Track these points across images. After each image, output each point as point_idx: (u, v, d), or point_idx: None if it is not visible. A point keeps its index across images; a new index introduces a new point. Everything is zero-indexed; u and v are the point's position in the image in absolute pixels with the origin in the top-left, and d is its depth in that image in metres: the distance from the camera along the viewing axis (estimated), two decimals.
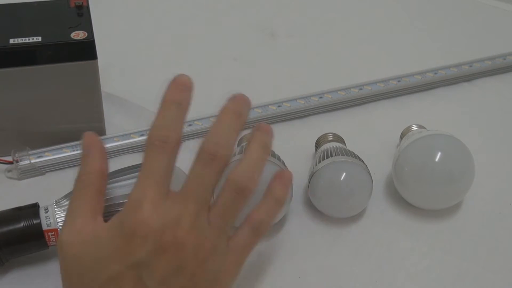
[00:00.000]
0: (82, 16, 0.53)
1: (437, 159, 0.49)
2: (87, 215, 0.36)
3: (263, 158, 0.38)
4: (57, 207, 0.44)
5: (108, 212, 0.43)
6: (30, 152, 0.54)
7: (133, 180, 0.44)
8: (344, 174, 0.48)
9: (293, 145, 0.59)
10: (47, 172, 0.55)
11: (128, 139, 0.57)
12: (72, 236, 0.35)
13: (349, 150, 0.51)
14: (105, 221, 0.37)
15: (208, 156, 0.36)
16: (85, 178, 0.37)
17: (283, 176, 0.40)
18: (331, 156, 0.50)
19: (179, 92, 0.37)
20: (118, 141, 0.57)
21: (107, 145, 0.56)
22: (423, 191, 0.50)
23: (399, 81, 0.67)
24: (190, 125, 0.59)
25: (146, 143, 0.36)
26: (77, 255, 0.35)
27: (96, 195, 0.37)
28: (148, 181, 0.35)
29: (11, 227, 0.43)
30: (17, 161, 0.53)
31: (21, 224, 0.43)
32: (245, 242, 0.37)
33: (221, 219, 0.36)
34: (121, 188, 0.44)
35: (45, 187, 0.53)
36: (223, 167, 0.36)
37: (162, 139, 0.36)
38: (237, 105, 0.38)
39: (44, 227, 0.43)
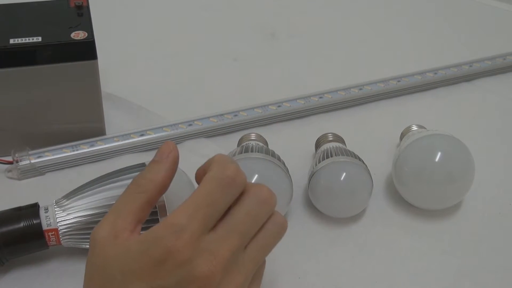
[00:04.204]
0: (82, 16, 0.53)
1: (437, 159, 0.49)
2: (129, 221, 0.35)
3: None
4: (57, 207, 0.44)
5: (106, 213, 0.43)
6: (30, 152, 0.54)
7: None
8: (344, 174, 0.48)
9: (293, 145, 0.59)
10: (47, 172, 0.55)
11: (128, 139, 0.57)
12: (108, 236, 0.34)
13: (349, 150, 0.51)
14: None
15: (266, 196, 0.36)
16: (144, 183, 0.36)
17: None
18: (331, 156, 0.50)
19: None
20: (118, 141, 0.57)
21: (107, 145, 0.56)
22: (423, 191, 0.50)
23: (399, 81, 0.67)
24: (190, 125, 0.59)
25: (214, 174, 0.35)
26: (106, 258, 0.34)
27: (147, 204, 0.36)
28: (199, 212, 0.33)
29: (11, 227, 0.43)
30: (17, 161, 0.53)
31: (21, 224, 0.43)
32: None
33: (261, 254, 0.36)
34: (121, 188, 0.44)
35: (45, 187, 0.53)
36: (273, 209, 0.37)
37: (234, 179, 0.35)
38: None
39: (44, 227, 0.43)
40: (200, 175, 0.37)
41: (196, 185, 0.48)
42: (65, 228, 0.43)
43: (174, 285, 0.32)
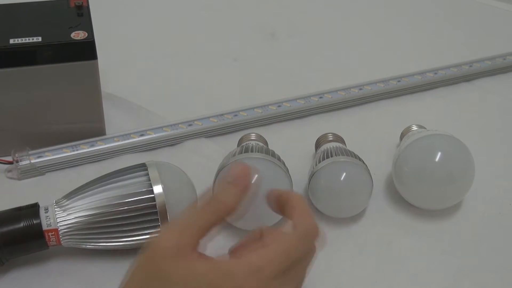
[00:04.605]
0: (82, 16, 0.53)
1: (437, 159, 0.49)
2: (195, 238, 0.35)
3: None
4: (57, 207, 0.44)
5: (106, 212, 0.43)
6: (30, 152, 0.54)
7: (133, 180, 0.44)
8: (344, 174, 0.48)
9: (293, 145, 0.59)
10: (47, 172, 0.55)
11: (128, 139, 0.57)
12: (171, 248, 0.34)
13: (349, 150, 0.51)
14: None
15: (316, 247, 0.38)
16: (217, 204, 0.36)
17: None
18: (331, 156, 0.50)
19: None
20: (118, 141, 0.57)
21: (107, 145, 0.56)
22: (423, 191, 0.50)
23: (399, 81, 0.67)
24: (190, 125, 0.59)
25: (299, 230, 0.36)
26: (168, 274, 0.33)
27: (213, 225, 0.36)
28: (279, 261, 0.34)
29: (11, 227, 0.43)
30: (17, 161, 0.53)
31: (21, 224, 0.43)
32: None
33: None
34: (121, 188, 0.44)
35: (45, 187, 0.53)
36: None
37: (314, 236, 0.37)
38: None
39: (44, 227, 0.43)
40: (275, 203, 0.39)
41: (197, 186, 0.48)
42: (65, 228, 0.43)
43: None
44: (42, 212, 0.44)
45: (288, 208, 0.38)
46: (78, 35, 0.51)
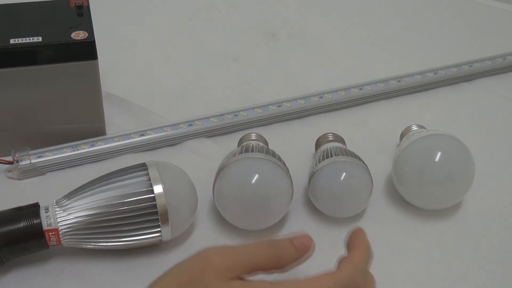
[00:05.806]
0: (82, 16, 0.53)
1: (437, 159, 0.49)
2: (242, 267, 0.35)
3: None
4: (57, 207, 0.44)
5: (106, 212, 0.43)
6: (30, 152, 0.54)
7: (133, 180, 0.44)
8: (344, 174, 0.48)
9: (293, 145, 0.59)
10: (47, 172, 0.55)
11: (128, 139, 0.57)
12: (219, 265, 0.34)
13: (349, 150, 0.51)
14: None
15: None
16: (276, 253, 0.37)
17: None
18: (331, 156, 0.50)
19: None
20: (118, 141, 0.57)
21: (107, 145, 0.56)
22: (423, 191, 0.50)
23: (399, 81, 0.67)
24: (190, 125, 0.59)
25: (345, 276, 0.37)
26: (204, 285, 0.34)
27: (260, 266, 0.36)
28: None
29: (11, 227, 0.43)
30: (17, 161, 0.53)
31: (22, 224, 0.43)
32: None
33: None
34: (121, 188, 0.44)
35: (45, 187, 0.53)
36: None
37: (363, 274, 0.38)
38: None
39: (45, 227, 0.43)
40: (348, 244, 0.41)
41: (197, 186, 0.48)
42: (66, 228, 0.43)
43: None
44: (42, 212, 0.44)
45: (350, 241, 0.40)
46: (78, 35, 0.51)
